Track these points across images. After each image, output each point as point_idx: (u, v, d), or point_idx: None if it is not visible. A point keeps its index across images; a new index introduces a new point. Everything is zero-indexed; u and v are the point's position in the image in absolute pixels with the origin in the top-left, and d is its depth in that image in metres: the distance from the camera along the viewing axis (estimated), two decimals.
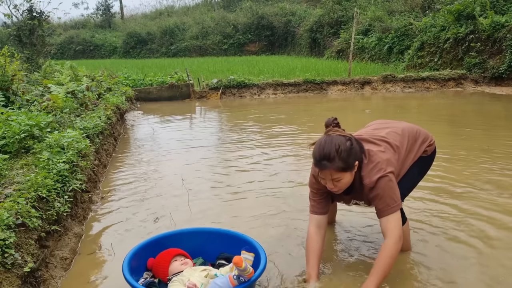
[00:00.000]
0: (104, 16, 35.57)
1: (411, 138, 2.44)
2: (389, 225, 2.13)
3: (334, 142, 2.07)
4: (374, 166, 2.16)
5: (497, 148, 4.96)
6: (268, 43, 27.05)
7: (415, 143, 2.45)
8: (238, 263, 1.90)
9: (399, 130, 2.44)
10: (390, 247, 2.09)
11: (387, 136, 2.36)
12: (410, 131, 2.47)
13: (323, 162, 2.06)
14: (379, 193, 2.13)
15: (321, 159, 2.07)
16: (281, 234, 2.86)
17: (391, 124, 2.54)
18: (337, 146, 2.05)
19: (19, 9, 10.02)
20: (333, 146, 2.05)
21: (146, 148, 5.44)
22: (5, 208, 2.25)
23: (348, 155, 2.06)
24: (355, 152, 2.10)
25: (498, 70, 11.06)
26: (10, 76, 5.21)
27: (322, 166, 2.07)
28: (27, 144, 3.53)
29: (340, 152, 2.04)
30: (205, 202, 3.50)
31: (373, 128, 2.51)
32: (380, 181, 2.13)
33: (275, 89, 10.87)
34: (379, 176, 2.13)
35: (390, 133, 2.40)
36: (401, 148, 2.35)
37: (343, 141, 2.08)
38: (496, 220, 2.98)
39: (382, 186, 2.12)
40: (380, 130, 2.45)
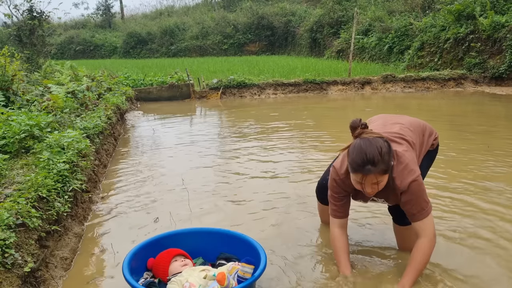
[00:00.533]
0: (104, 16, 35.58)
1: (420, 133, 2.42)
2: (424, 226, 2.13)
3: (375, 145, 1.98)
4: (404, 167, 2.11)
5: (498, 147, 4.96)
6: (268, 43, 27.05)
7: (423, 138, 2.43)
8: (220, 280, 1.92)
9: (409, 126, 2.40)
10: (425, 245, 2.11)
11: (403, 133, 2.31)
12: (417, 126, 2.45)
13: (367, 167, 1.97)
14: (413, 198, 2.10)
15: (365, 164, 1.97)
16: (282, 234, 2.86)
17: (396, 119, 2.48)
18: (379, 149, 1.97)
19: (19, 9, 10.05)
20: (375, 149, 1.97)
21: (146, 148, 5.44)
22: (5, 208, 2.25)
23: (389, 157, 2.01)
24: (392, 153, 2.05)
25: (498, 70, 11.06)
26: (10, 76, 5.21)
27: (366, 171, 1.98)
28: (27, 144, 3.53)
29: (383, 154, 1.97)
30: (205, 202, 3.50)
31: (382, 125, 2.43)
32: (412, 185, 2.08)
33: (275, 89, 10.87)
34: (411, 179, 2.08)
35: (402, 129, 2.35)
36: (416, 145, 2.33)
37: (382, 142, 2.00)
38: (496, 219, 2.98)
39: (415, 190, 2.09)
40: (390, 126, 2.38)
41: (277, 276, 2.34)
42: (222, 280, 1.93)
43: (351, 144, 2.07)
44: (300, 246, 2.67)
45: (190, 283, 2.03)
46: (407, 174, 2.09)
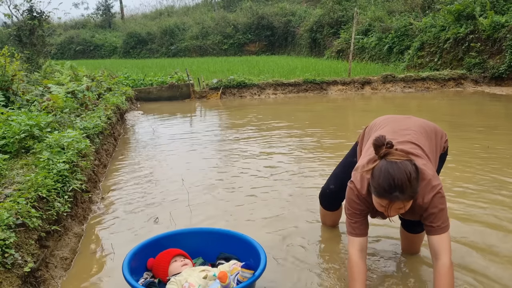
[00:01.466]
0: (104, 16, 35.57)
1: (433, 136, 2.29)
2: (443, 244, 1.98)
3: (404, 170, 1.83)
4: (426, 184, 1.97)
5: (498, 147, 4.96)
6: (268, 43, 27.05)
7: (436, 142, 2.30)
8: (222, 278, 1.92)
9: (422, 131, 2.25)
10: (449, 268, 1.94)
11: (418, 143, 2.16)
12: (429, 130, 2.30)
13: (395, 193, 1.84)
14: (435, 212, 1.98)
15: (393, 191, 1.84)
16: (282, 234, 2.86)
17: (406, 124, 2.32)
18: (408, 175, 1.83)
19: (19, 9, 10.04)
20: (404, 176, 1.82)
21: (146, 148, 5.44)
22: (5, 208, 2.25)
23: (417, 182, 1.88)
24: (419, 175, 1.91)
25: (498, 70, 11.06)
26: (10, 76, 5.21)
27: (394, 198, 1.85)
28: (27, 144, 3.53)
29: (412, 181, 1.84)
30: (206, 202, 3.50)
31: (391, 132, 2.25)
32: (434, 200, 1.97)
33: (275, 89, 10.87)
34: (433, 194, 1.97)
35: (415, 137, 2.19)
36: (432, 152, 2.21)
37: (410, 167, 1.84)
38: (496, 219, 2.98)
39: (437, 204, 1.98)
40: (401, 134, 2.22)
41: (277, 276, 2.34)
42: (223, 277, 1.92)
43: (376, 165, 1.92)
44: (300, 247, 2.67)
45: (190, 283, 2.03)
46: (429, 190, 1.98)
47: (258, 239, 2.38)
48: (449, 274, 1.92)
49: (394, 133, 2.23)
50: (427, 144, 2.19)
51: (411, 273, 2.37)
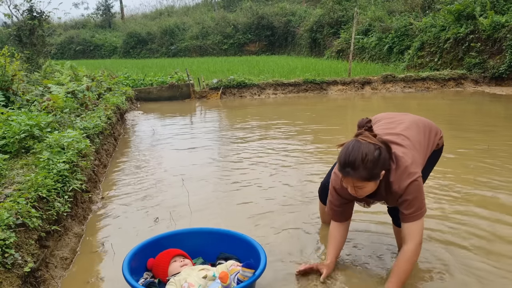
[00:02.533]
0: (104, 16, 35.57)
1: (426, 132, 2.35)
2: (413, 231, 2.07)
3: (362, 150, 1.95)
4: (403, 171, 2.05)
5: (497, 147, 4.96)
6: (268, 43, 27.05)
7: (429, 137, 2.35)
8: (223, 278, 1.92)
9: (414, 125, 2.33)
10: (411, 252, 2.06)
11: (406, 134, 2.25)
12: (423, 125, 2.37)
13: (347, 169, 1.98)
14: (409, 198, 2.05)
15: (345, 166, 1.98)
16: (282, 234, 2.86)
17: (401, 118, 2.41)
18: (364, 155, 1.94)
19: (19, 9, 10.04)
20: (359, 154, 1.94)
21: (146, 148, 5.44)
22: (5, 208, 2.25)
23: (374, 166, 1.95)
24: (383, 162, 1.99)
25: (498, 70, 11.06)
26: (10, 76, 5.21)
27: (345, 173, 1.99)
28: (27, 144, 3.53)
29: (366, 161, 1.94)
30: (206, 202, 3.50)
31: (386, 124, 2.38)
32: (409, 187, 2.03)
33: (275, 89, 10.87)
34: (409, 182, 2.03)
35: (407, 128, 2.29)
36: (422, 144, 2.27)
37: (371, 149, 1.95)
38: (495, 219, 2.98)
39: (412, 191, 2.04)
40: (394, 125, 2.33)
41: (277, 276, 2.34)
42: (225, 278, 1.93)
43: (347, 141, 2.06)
44: (300, 247, 2.67)
45: (189, 283, 2.03)
46: (405, 178, 2.04)
47: (258, 239, 2.38)
48: (408, 259, 2.06)
49: (388, 124, 2.35)
50: (417, 138, 2.26)
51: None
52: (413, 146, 2.20)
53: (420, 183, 2.06)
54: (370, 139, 2.00)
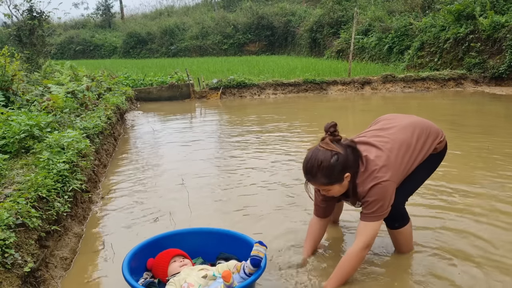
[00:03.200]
0: (104, 16, 35.57)
1: (422, 136, 2.34)
2: (364, 231, 2.14)
3: (318, 158, 2.08)
4: (369, 174, 2.13)
5: (497, 147, 4.96)
6: (268, 43, 27.06)
7: (426, 141, 2.34)
8: (225, 277, 1.92)
9: (408, 128, 2.34)
10: (355, 253, 2.13)
11: (393, 137, 2.27)
12: (421, 128, 2.36)
13: (307, 176, 2.15)
14: (369, 200, 2.13)
15: (306, 173, 2.16)
16: (282, 234, 2.86)
17: (399, 120, 2.43)
18: (319, 163, 2.07)
19: (19, 9, 10.04)
20: (315, 163, 2.08)
21: (146, 148, 5.44)
22: (5, 208, 2.25)
23: (331, 172, 2.07)
24: (342, 167, 2.08)
25: (498, 70, 11.06)
26: (10, 76, 5.21)
27: (307, 179, 2.17)
28: (27, 144, 3.53)
29: (322, 169, 2.07)
30: (205, 202, 3.50)
31: (381, 125, 2.43)
32: (372, 189, 2.11)
33: (275, 89, 10.87)
34: (372, 184, 2.10)
35: (397, 132, 2.31)
36: (409, 147, 2.27)
37: (327, 157, 2.07)
38: (496, 219, 2.98)
39: (374, 194, 2.11)
40: (387, 129, 2.36)
41: (277, 276, 2.34)
42: (227, 277, 1.92)
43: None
44: (301, 247, 2.67)
45: (189, 283, 2.03)
46: (370, 180, 2.11)
47: (258, 238, 2.38)
48: (350, 261, 2.14)
49: (382, 125, 2.42)
50: (405, 142, 2.27)
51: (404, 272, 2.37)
52: (395, 150, 2.21)
53: (385, 187, 2.10)
54: (328, 146, 2.10)
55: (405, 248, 2.54)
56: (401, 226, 2.43)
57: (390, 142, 2.25)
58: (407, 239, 2.51)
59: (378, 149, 2.21)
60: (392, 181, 2.14)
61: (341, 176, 2.09)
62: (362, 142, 2.29)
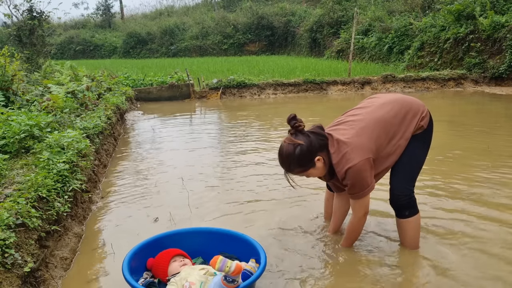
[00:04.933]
0: (104, 16, 35.57)
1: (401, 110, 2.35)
2: (356, 206, 2.40)
3: (283, 152, 2.30)
4: (342, 156, 2.26)
5: (497, 148, 4.96)
6: (268, 43, 27.05)
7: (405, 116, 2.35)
8: (212, 264, 1.90)
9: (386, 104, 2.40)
10: (355, 223, 2.47)
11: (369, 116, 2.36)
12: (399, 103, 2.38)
13: (284, 168, 2.37)
14: (349, 183, 2.29)
15: (282, 166, 2.38)
16: (283, 234, 2.86)
17: (380, 99, 2.49)
18: (286, 156, 2.29)
19: (19, 9, 10.04)
20: (284, 157, 2.30)
21: (146, 148, 5.44)
22: (5, 208, 2.25)
23: (300, 161, 2.28)
24: (309, 153, 2.27)
25: (498, 70, 11.06)
26: (10, 76, 5.21)
27: (286, 171, 2.38)
28: (27, 144, 3.53)
29: (291, 160, 2.28)
30: (205, 202, 3.50)
31: (362, 105, 2.54)
32: (348, 172, 2.25)
33: (275, 89, 10.87)
34: (347, 167, 2.24)
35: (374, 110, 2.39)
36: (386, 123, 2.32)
37: (290, 150, 2.27)
38: (496, 219, 2.98)
39: (350, 177, 2.26)
40: (365, 107, 2.47)
41: (277, 276, 2.34)
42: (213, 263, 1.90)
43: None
44: (301, 247, 2.67)
45: (190, 282, 2.03)
46: (344, 163, 2.25)
47: (258, 238, 2.38)
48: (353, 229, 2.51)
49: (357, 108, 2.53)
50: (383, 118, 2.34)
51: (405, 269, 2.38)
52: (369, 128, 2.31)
53: (357, 168, 2.23)
54: (290, 140, 2.30)
55: (413, 241, 2.54)
56: (411, 215, 2.45)
57: (365, 120, 2.35)
58: (416, 230, 2.52)
59: (351, 129, 2.33)
60: (365, 160, 2.23)
61: (311, 161, 2.30)
62: (337, 123, 2.46)
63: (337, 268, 2.42)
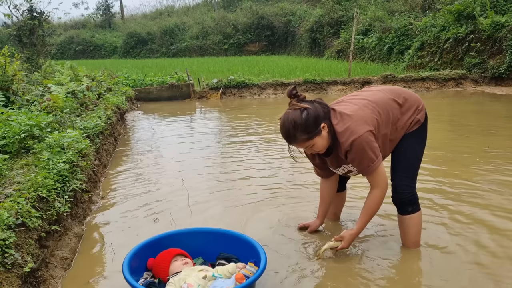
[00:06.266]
0: (104, 16, 35.59)
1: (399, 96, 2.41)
2: (374, 180, 2.31)
3: (290, 119, 2.21)
4: (346, 128, 2.21)
5: (497, 148, 4.95)
6: (268, 43, 27.06)
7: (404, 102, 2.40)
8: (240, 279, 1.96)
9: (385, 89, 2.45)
10: (377, 195, 2.32)
11: (370, 97, 2.37)
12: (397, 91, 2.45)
13: (288, 139, 2.27)
14: (356, 156, 2.23)
15: (285, 138, 2.28)
16: (283, 234, 2.85)
17: (375, 87, 2.55)
18: (293, 123, 2.20)
19: (19, 9, 10.06)
20: (290, 124, 2.21)
21: (146, 148, 5.44)
22: (5, 208, 2.25)
23: (307, 125, 2.19)
24: (315, 118, 2.20)
25: (498, 70, 11.06)
26: (10, 76, 5.21)
27: (289, 142, 2.29)
28: (27, 144, 3.53)
29: (297, 126, 2.19)
30: (206, 202, 3.50)
31: (359, 91, 2.55)
32: (354, 144, 2.19)
33: (275, 89, 10.87)
34: (352, 139, 2.18)
35: (374, 93, 2.41)
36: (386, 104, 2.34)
37: (297, 114, 2.20)
38: (496, 219, 2.98)
39: (358, 149, 2.20)
40: (364, 91, 2.50)
41: (277, 276, 2.34)
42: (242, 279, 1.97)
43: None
44: (301, 247, 2.67)
45: (188, 284, 2.02)
46: (349, 134, 2.20)
47: (258, 239, 2.38)
48: (374, 198, 2.33)
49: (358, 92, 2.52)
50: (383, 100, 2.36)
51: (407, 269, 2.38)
52: (370, 104, 2.30)
53: (363, 139, 2.18)
54: (294, 106, 2.24)
55: (415, 239, 2.54)
56: (414, 211, 2.46)
57: (367, 99, 2.35)
58: (419, 227, 2.52)
59: (354, 105, 2.32)
60: (369, 131, 2.21)
61: (317, 127, 2.22)
62: (337, 101, 2.45)
63: (337, 268, 2.42)
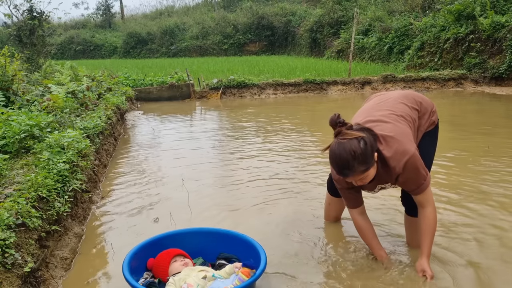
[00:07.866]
0: (104, 16, 35.58)
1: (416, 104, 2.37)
2: (425, 199, 2.22)
3: (348, 149, 1.98)
4: (395, 151, 2.09)
5: (498, 148, 4.95)
6: (268, 43, 27.07)
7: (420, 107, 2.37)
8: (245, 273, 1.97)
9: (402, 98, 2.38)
10: (431, 213, 2.24)
11: (393, 108, 2.30)
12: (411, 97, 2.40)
13: (345, 171, 2.03)
14: (409, 176, 2.13)
15: (342, 169, 2.03)
16: (283, 234, 2.86)
17: (391, 94, 2.47)
18: (353, 153, 1.97)
19: (20, 9, 10.05)
20: (348, 154, 1.97)
21: (146, 148, 5.44)
22: (5, 208, 2.25)
23: (366, 157, 1.99)
24: (371, 148, 2.02)
25: (498, 70, 11.06)
26: (10, 76, 5.21)
27: (345, 175, 2.05)
28: (27, 144, 3.53)
29: (357, 157, 1.97)
30: (206, 202, 3.50)
31: (375, 101, 2.45)
32: (407, 165, 2.09)
33: (275, 89, 10.87)
34: (405, 160, 2.08)
35: (394, 104, 2.33)
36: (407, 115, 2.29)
37: (356, 145, 1.98)
38: (496, 220, 2.98)
39: (412, 168, 2.10)
40: (384, 102, 2.39)
41: (277, 276, 2.34)
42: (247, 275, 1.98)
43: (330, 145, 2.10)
44: (301, 247, 2.67)
45: (188, 284, 2.03)
46: (399, 157, 2.09)
47: (258, 239, 2.38)
48: (431, 217, 2.24)
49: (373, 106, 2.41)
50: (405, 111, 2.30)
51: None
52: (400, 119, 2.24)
53: (415, 158, 2.11)
54: (349, 135, 2.03)
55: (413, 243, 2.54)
56: None
57: (393, 112, 2.27)
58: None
59: (386, 123, 2.20)
60: (416, 148, 2.15)
61: (373, 158, 2.05)
62: (368, 121, 2.25)
63: (337, 268, 2.42)
